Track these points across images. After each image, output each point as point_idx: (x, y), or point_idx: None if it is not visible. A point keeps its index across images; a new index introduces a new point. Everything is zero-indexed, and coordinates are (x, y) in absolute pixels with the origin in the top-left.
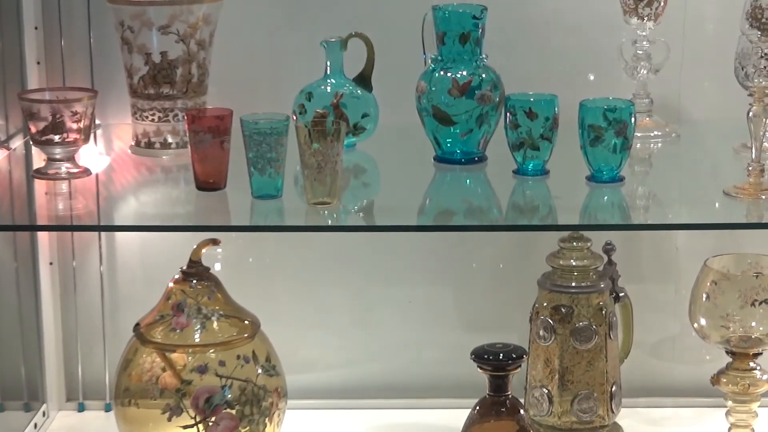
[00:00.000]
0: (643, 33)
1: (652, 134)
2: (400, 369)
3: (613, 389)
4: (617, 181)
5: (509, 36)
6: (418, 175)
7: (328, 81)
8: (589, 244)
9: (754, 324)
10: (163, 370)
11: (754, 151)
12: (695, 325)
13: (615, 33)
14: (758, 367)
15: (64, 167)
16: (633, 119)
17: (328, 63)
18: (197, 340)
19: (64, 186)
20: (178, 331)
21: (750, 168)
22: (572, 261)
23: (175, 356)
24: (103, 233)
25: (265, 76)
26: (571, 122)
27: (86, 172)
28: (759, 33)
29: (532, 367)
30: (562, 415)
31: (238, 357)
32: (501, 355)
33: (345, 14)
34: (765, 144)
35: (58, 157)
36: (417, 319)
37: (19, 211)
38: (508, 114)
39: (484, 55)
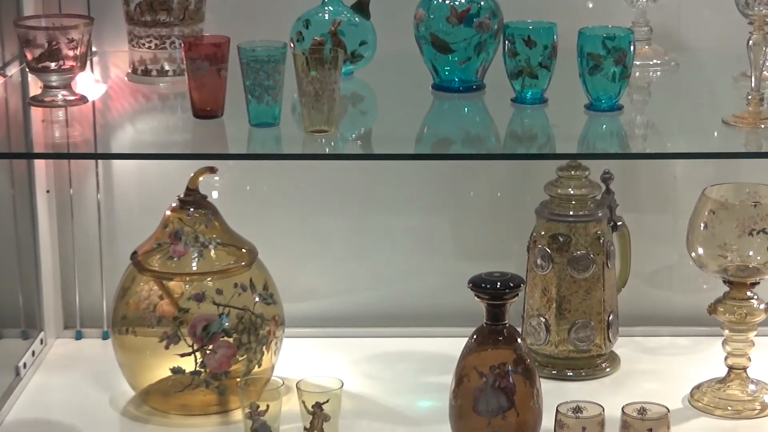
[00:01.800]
0: None
1: (651, 63)
2: (397, 297)
3: (610, 318)
4: (616, 110)
5: None
6: (416, 103)
7: (326, 8)
8: (587, 172)
9: (751, 253)
10: (161, 298)
11: (753, 80)
12: (693, 254)
13: None
14: (755, 297)
15: (61, 95)
16: (632, 47)
17: None
18: (194, 269)
19: (60, 113)
20: (175, 259)
21: (749, 97)
22: (570, 190)
23: (173, 284)
24: (100, 161)
25: (262, 3)
26: (570, 50)
27: (83, 99)
28: None
29: (530, 296)
30: (559, 344)
31: (236, 285)
32: (498, 284)
33: None
34: (765, 73)
35: (54, 84)
36: (414, 248)
37: (16, 139)
38: (506, 42)
39: None
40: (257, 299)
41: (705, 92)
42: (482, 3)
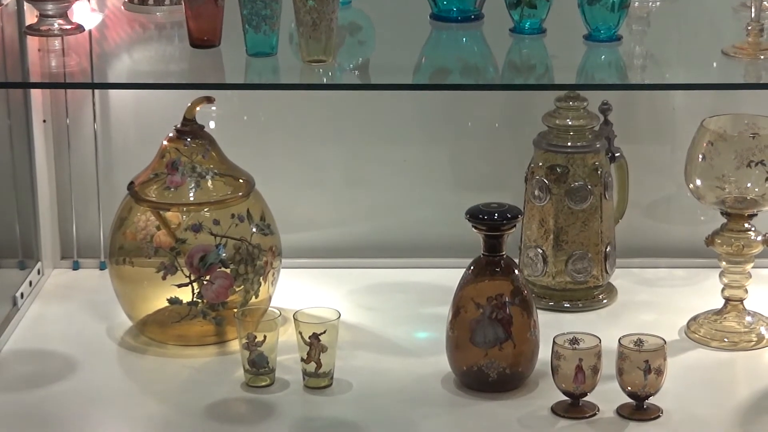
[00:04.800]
0: None
1: None
2: (394, 228)
3: (607, 249)
4: (615, 40)
5: None
6: (414, 33)
7: None
8: (585, 103)
9: (749, 185)
10: (158, 228)
11: (753, 10)
12: (691, 185)
13: None
14: (753, 228)
15: (57, 24)
16: None
17: None
18: (192, 199)
19: (57, 43)
20: (172, 189)
21: (749, 28)
22: (568, 120)
23: (170, 215)
24: (96, 91)
25: None
26: None
27: (79, 28)
28: None
29: (527, 227)
30: (556, 275)
31: (233, 216)
32: (496, 214)
33: None
34: (765, 3)
35: (50, 13)
36: (412, 179)
37: (12, 68)
38: None
39: None
40: (254, 230)
41: (704, 23)
42: None
